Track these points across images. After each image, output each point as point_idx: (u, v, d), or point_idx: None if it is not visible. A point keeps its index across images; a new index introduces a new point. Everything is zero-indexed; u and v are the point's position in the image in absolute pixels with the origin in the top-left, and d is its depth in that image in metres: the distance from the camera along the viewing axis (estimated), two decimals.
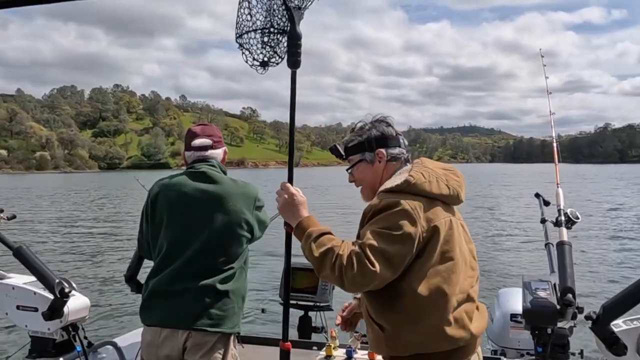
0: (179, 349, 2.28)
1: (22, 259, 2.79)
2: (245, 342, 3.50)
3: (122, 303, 8.89)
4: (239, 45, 2.06)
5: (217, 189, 2.38)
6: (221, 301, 2.31)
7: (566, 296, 2.32)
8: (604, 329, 2.08)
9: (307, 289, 3.60)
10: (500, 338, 3.40)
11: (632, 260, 12.99)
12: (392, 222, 1.71)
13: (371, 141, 1.96)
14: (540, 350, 2.40)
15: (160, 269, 2.37)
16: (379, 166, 1.96)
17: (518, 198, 32.74)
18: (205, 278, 2.30)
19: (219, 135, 2.58)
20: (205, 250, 2.33)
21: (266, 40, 2.05)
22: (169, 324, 2.29)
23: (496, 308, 3.55)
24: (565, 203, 3.01)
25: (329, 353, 3.02)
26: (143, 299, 2.40)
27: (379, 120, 2.00)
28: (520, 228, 18.69)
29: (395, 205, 1.73)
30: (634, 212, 23.95)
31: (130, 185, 40.46)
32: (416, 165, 1.90)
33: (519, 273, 7.16)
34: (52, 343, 2.87)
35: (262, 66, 2.09)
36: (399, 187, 1.79)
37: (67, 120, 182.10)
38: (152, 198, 2.45)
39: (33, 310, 2.80)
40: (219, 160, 2.54)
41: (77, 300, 2.86)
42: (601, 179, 59.52)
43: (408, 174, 1.81)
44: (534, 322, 2.40)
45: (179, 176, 2.47)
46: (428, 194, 1.80)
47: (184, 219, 2.36)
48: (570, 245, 2.61)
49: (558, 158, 3.63)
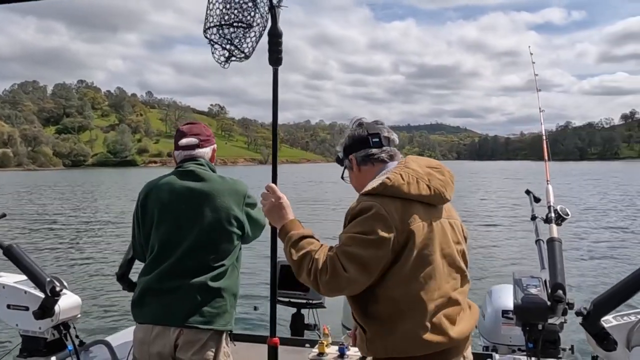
0: (170, 346, 2.28)
1: (12, 257, 2.77)
2: (238, 340, 3.50)
3: (114, 302, 8.85)
4: (209, 41, 2.07)
5: (204, 186, 2.40)
6: (213, 299, 2.32)
7: (557, 292, 2.34)
8: (595, 325, 2.10)
9: (299, 286, 3.60)
10: (491, 334, 3.42)
11: (622, 256, 13.09)
12: (367, 226, 1.71)
13: (346, 149, 2.00)
14: (532, 346, 2.42)
15: (151, 267, 2.38)
16: (356, 171, 1.98)
17: (498, 194, 32.87)
18: (197, 275, 2.31)
19: (207, 134, 2.58)
20: (196, 248, 2.33)
21: (228, 35, 2.05)
22: (161, 321, 2.30)
23: (487, 304, 3.58)
24: (555, 200, 3.03)
25: (321, 350, 3.03)
26: (134, 297, 2.41)
27: (355, 124, 2.01)
28: (504, 224, 18.81)
29: (370, 209, 1.73)
30: (624, 211, 24.16)
31: (104, 181, 40.06)
32: (398, 166, 1.88)
33: (510, 270, 7.21)
34: (43, 342, 2.86)
35: (226, 61, 2.12)
36: (375, 189, 1.77)
37: (29, 117, 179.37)
38: (142, 199, 2.46)
39: (24, 309, 2.79)
40: (208, 159, 2.54)
41: (69, 298, 2.85)
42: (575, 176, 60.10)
43: (385, 176, 1.80)
44: (525, 318, 2.42)
45: (168, 176, 2.49)
46: (406, 195, 1.77)
47: (174, 217, 2.38)
48: (560, 242, 2.63)
49: (548, 155, 3.66)
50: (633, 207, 24.90)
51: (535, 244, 3.06)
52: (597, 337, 2.10)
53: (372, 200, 1.75)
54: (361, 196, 1.82)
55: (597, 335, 2.09)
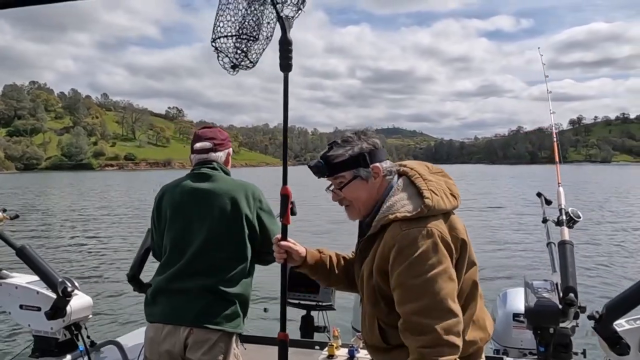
0: (180, 345, 2.30)
1: (25, 258, 2.80)
2: (248, 342, 3.50)
3: (125, 303, 8.89)
4: (215, 49, 2.14)
5: (214, 186, 2.43)
6: (223, 300, 2.33)
7: (568, 296, 2.32)
8: (607, 329, 2.08)
9: (309, 288, 3.60)
10: (502, 337, 3.40)
11: (635, 261, 12.96)
12: (441, 256, 1.61)
13: (365, 155, 1.78)
14: (543, 350, 2.40)
15: (164, 268, 2.42)
16: (374, 183, 1.79)
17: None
18: (208, 276, 2.33)
19: (221, 137, 2.61)
20: (206, 249, 2.36)
21: (238, 46, 2.14)
22: (171, 320, 2.32)
23: (499, 308, 3.55)
24: (566, 202, 3.01)
25: (331, 352, 3.03)
26: (147, 297, 2.45)
27: (365, 131, 1.83)
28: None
29: (432, 235, 1.63)
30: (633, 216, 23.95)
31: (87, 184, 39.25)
32: (417, 179, 1.76)
33: (521, 273, 7.15)
34: (54, 342, 2.88)
35: (232, 68, 2.18)
36: (419, 213, 1.65)
37: None
38: (157, 202, 2.53)
39: (36, 310, 2.81)
40: (222, 162, 2.57)
41: (80, 299, 2.87)
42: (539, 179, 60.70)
43: (423, 197, 1.68)
44: (537, 322, 2.40)
45: (183, 179, 2.54)
46: (444, 210, 1.70)
47: (185, 218, 2.42)
48: (572, 245, 2.61)
49: (559, 158, 3.63)
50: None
51: (546, 247, 3.04)
52: (610, 341, 2.08)
53: (424, 224, 1.65)
54: (407, 222, 1.66)
55: (610, 339, 2.08)
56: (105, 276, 11.35)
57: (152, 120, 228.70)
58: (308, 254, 1.99)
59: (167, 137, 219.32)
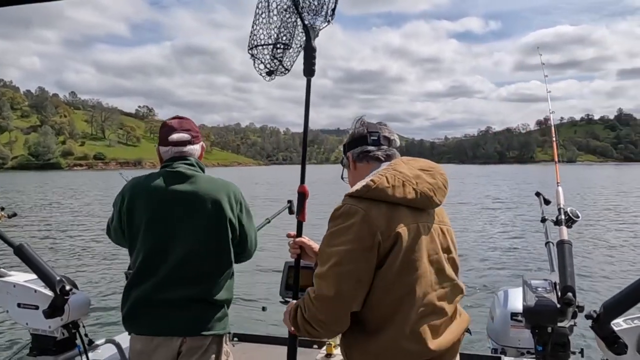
0: (173, 354, 2.27)
1: (23, 257, 2.79)
2: (246, 341, 3.50)
3: None
4: (251, 56, 2.30)
5: (195, 189, 2.31)
6: (214, 305, 2.31)
7: (566, 295, 2.32)
8: (605, 328, 2.08)
9: (308, 287, 3.60)
10: (500, 337, 3.40)
11: (633, 259, 12.99)
12: (351, 234, 1.65)
13: (345, 146, 1.99)
14: (541, 349, 2.40)
15: (143, 277, 2.29)
16: (352, 168, 1.95)
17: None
18: (195, 284, 2.27)
19: (196, 129, 2.48)
20: (190, 255, 2.27)
21: (275, 54, 2.30)
22: (163, 333, 2.26)
23: (497, 307, 3.56)
24: (565, 202, 3.01)
25: (329, 351, 3.03)
26: (127, 308, 2.32)
27: (357, 122, 1.98)
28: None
29: (354, 214, 1.66)
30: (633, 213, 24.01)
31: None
32: (385, 168, 1.80)
33: (519, 272, 7.16)
34: (52, 341, 2.87)
35: (268, 75, 2.33)
36: (359, 192, 1.70)
37: None
38: (128, 201, 2.33)
39: (34, 308, 2.80)
40: (197, 157, 2.46)
41: (78, 298, 2.86)
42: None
43: (370, 179, 1.72)
44: (535, 321, 2.40)
45: (155, 176, 2.36)
46: (390, 199, 1.68)
47: (163, 224, 2.28)
48: (570, 244, 2.61)
49: (558, 158, 3.63)
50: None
51: (545, 246, 3.04)
52: (607, 341, 2.08)
53: (356, 204, 1.69)
54: (346, 197, 1.74)
55: (607, 338, 2.08)
56: (103, 274, 11.34)
57: (122, 120, 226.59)
58: None
59: (137, 137, 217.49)
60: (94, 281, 10.72)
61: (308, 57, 2.17)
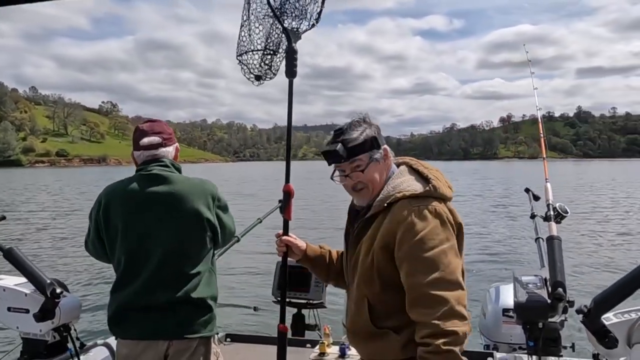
0: (160, 357, 2.27)
1: (13, 260, 2.77)
2: (238, 341, 3.50)
3: None
4: (239, 62, 2.36)
5: (171, 189, 2.30)
6: (198, 307, 2.30)
7: (557, 290, 2.33)
8: (595, 323, 2.09)
9: (300, 286, 3.61)
10: (492, 333, 3.42)
11: (622, 255, 13.10)
12: (447, 232, 1.75)
13: (376, 138, 1.87)
14: (532, 345, 2.41)
15: (125, 281, 2.30)
16: (385, 165, 1.89)
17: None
18: (177, 286, 2.26)
19: (169, 131, 2.48)
20: (170, 257, 2.27)
21: (263, 59, 2.38)
22: (148, 337, 2.25)
23: (488, 303, 3.58)
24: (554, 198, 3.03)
25: (322, 350, 3.04)
26: (112, 313, 2.32)
27: (366, 117, 1.92)
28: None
29: (441, 214, 1.76)
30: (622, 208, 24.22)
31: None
32: (419, 167, 1.91)
33: (510, 268, 7.21)
34: (44, 344, 2.85)
35: (257, 79, 2.40)
36: (427, 192, 1.79)
37: None
38: (104, 207, 2.33)
39: (24, 312, 2.78)
40: (172, 158, 2.45)
41: (69, 301, 2.84)
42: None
43: (429, 179, 1.83)
44: (526, 317, 2.42)
45: (130, 180, 2.35)
46: (445, 197, 1.83)
47: (141, 226, 2.28)
48: (560, 240, 2.63)
49: (546, 153, 3.66)
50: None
51: (535, 242, 3.06)
52: (598, 335, 2.09)
53: (434, 204, 1.77)
54: (421, 198, 1.78)
55: (598, 332, 2.09)
56: (94, 277, 11.26)
57: (85, 115, 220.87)
58: (308, 248, 2.13)
59: (101, 133, 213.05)
60: (85, 283, 10.65)
61: (289, 59, 2.22)
